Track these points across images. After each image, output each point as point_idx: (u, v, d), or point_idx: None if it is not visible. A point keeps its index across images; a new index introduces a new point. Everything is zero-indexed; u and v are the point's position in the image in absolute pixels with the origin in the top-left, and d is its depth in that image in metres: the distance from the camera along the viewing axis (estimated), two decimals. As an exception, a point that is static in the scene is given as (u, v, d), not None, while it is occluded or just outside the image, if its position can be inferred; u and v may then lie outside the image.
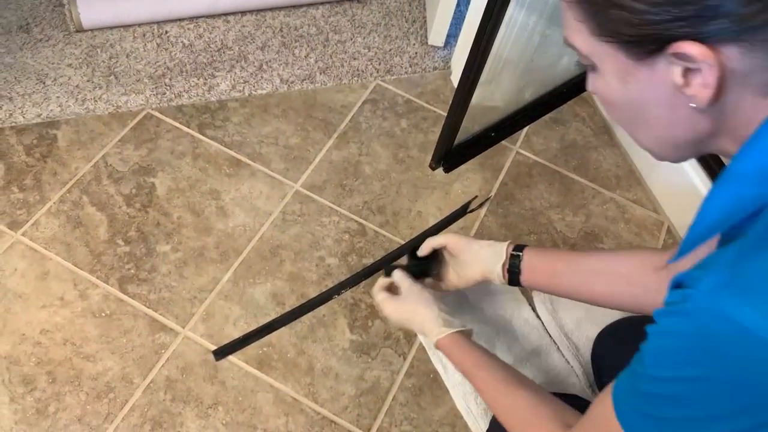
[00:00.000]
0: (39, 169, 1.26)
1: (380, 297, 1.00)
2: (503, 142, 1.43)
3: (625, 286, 0.88)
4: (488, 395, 0.88)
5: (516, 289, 1.21)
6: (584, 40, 0.54)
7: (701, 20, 0.47)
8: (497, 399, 0.86)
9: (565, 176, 1.42)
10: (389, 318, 0.99)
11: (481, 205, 1.32)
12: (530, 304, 1.21)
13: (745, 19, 0.46)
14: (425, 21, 1.66)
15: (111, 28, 1.50)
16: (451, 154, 1.18)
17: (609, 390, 0.60)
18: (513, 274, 0.96)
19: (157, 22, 1.53)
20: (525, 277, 0.96)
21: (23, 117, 1.33)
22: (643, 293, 0.86)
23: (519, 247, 0.97)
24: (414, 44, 1.60)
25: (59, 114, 1.35)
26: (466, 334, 0.94)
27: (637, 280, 0.87)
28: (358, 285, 1.11)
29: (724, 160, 0.55)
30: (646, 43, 0.50)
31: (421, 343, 1.15)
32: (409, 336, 1.16)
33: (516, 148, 1.46)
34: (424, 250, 1.04)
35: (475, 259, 0.99)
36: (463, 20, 1.46)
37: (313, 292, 1.17)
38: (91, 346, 1.08)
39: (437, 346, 0.93)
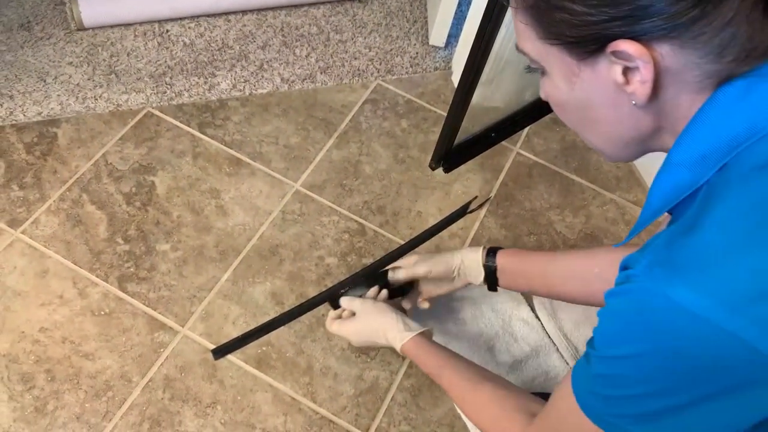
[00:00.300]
0: (39, 167, 1.26)
1: (335, 327, 1.03)
2: (504, 142, 1.42)
3: (601, 284, 0.90)
4: (455, 393, 0.90)
5: (515, 289, 1.21)
6: (533, 45, 0.57)
7: (635, 19, 0.50)
8: (464, 397, 0.89)
9: (565, 177, 1.42)
10: (352, 340, 1.02)
11: (481, 206, 1.31)
12: (529, 305, 1.21)
13: (673, 17, 0.49)
14: (426, 21, 1.66)
15: (112, 26, 1.50)
16: (450, 155, 1.18)
17: (569, 375, 0.63)
18: (490, 281, 1.03)
19: (159, 21, 1.53)
20: (502, 283, 1.03)
21: (24, 115, 1.33)
22: None
23: (492, 251, 1.01)
24: (415, 44, 1.60)
25: (60, 112, 1.35)
26: (428, 335, 0.97)
27: (612, 278, 0.89)
28: (356, 286, 1.12)
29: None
30: (587, 43, 0.53)
31: (420, 344, 1.15)
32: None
33: (516, 148, 1.46)
34: (399, 279, 1.07)
35: (460, 275, 1.05)
36: (465, 20, 1.46)
37: (312, 292, 1.17)
38: (90, 345, 1.08)
39: (402, 352, 0.96)
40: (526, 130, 1.48)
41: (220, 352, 1.08)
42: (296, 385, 1.08)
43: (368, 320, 1.00)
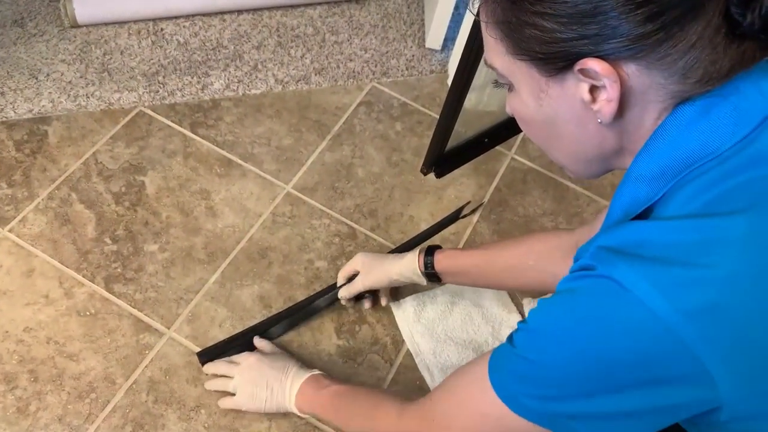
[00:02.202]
0: (28, 165, 1.25)
1: (226, 403, 1.02)
2: (498, 147, 1.41)
3: (536, 275, 0.94)
4: (341, 420, 0.91)
5: (505, 294, 1.20)
6: (502, 60, 0.58)
7: (602, 38, 0.50)
8: (343, 414, 0.91)
9: (560, 183, 1.41)
10: (248, 409, 1.01)
11: (473, 211, 1.30)
12: (520, 312, 1.20)
13: (640, 39, 0.50)
14: (423, 23, 1.64)
15: (106, 24, 1.49)
16: (442, 160, 1.16)
17: (473, 361, 0.66)
18: (430, 276, 1.04)
19: (153, 19, 1.52)
20: (445, 281, 1.06)
21: (14, 112, 1.32)
22: (553, 280, 0.90)
23: (431, 252, 1.03)
24: (411, 47, 1.59)
25: (51, 110, 1.34)
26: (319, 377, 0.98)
27: (547, 269, 0.92)
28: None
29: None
30: (556, 59, 0.53)
31: (408, 350, 1.14)
32: (396, 342, 1.14)
33: (511, 153, 1.44)
34: (344, 297, 1.11)
35: (400, 282, 1.08)
36: (462, 23, 1.45)
37: (301, 296, 1.16)
38: (74, 345, 1.07)
39: (299, 406, 0.97)
40: (521, 135, 1.47)
41: (206, 355, 1.07)
42: (282, 389, 1.07)
43: (255, 381, 1.00)
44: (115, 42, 1.47)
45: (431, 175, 1.18)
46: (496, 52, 0.58)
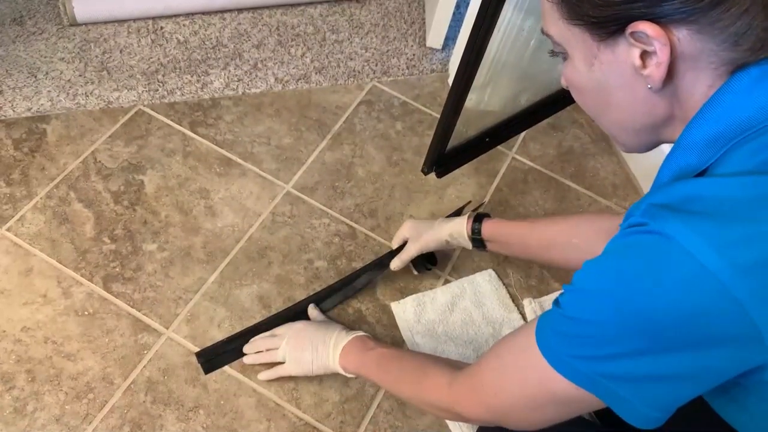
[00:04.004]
0: (27, 164, 1.25)
1: (271, 373, 1.04)
2: (499, 147, 1.40)
3: (578, 254, 0.94)
4: (389, 384, 0.91)
5: (506, 295, 1.20)
6: (557, 26, 0.59)
7: (655, 1, 0.51)
8: (390, 377, 0.90)
9: (561, 183, 1.40)
10: (297, 374, 1.03)
11: (474, 211, 1.30)
12: (520, 313, 1.19)
13: (691, 2, 0.50)
14: (424, 22, 1.64)
15: (105, 22, 1.49)
16: (443, 159, 1.16)
17: (519, 329, 0.66)
18: (476, 241, 1.08)
19: (153, 18, 1.51)
20: (489, 249, 1.09)
21: (13, 111, 1.31)
22: None
23: (479, 219, 1.08)
24: (412, 46, 1.58)
25: (50, 108, 1.33)
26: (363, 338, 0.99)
27: (590, 249, 0.93)
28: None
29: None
30: (608, 23, 0.54)
31: (408, 350, 1.13)
32: (396, 343, 1.14)
33: (512, 153, 1.44)
34: (397, 266, 1.14)
35: (450, 245, 1.13)
36: (462, 22, 1.44)
37: (300, 296, 1.16)
38: (72, 345, 1.06)
39: (343, 367, 0.98)
40: (522, 135, 1.46)
41: (204, 355, 1.06)
42: (281, 390, 1.06)
43: (302, 349, 1.01)
44: (115, 40, 1.46)
45: (432, 175, 1.17)
46: (552, 19, 0.59)
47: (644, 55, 0.54)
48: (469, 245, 1.10)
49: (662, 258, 0.49)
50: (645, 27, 0.52)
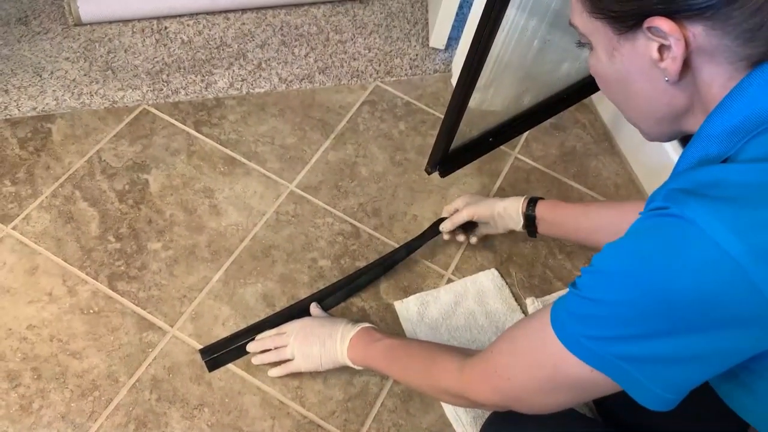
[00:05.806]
0: (32, 163, 1.25)
1: (280, 370, 1.05)
2: (502, 147, 1.41)
3: None
4: (395, 371, 0.92)
5: (509, 295, 1.20)
6: (581, 19, 0.62)
7: None
8: (398, 366, 0.91)
9: (563, 183, 1.41)
10: (306, 369, 1.03)
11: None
12: (523, 311, 1.19)
13: None
14: (427, 23, 1.64)
15: (110, 22, 1.49)
16: (447, 159, 1.16)
17: (528, 317, 0.67)
18: (530, 229, 1.11)
19: (157, 18, 1.52)
20: (540, 231, 1.11)
21: (18, 110, 1.32)
22: None
23: (534, 201, 1.10)
24: (415, 46, 1.59)
25: (55, 108, 1.34)
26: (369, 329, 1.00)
27: None
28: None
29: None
30: (627, 18, 0.57)
31: (411, 349, 1.13)
32: (400, 341, 1.14)
33: (515, 153, 1.44)
34: (447, 229, 1.19)
35: (500, 221, 1.15)
36: (466, 22, 1.45)
37: (304, 294, 1.16)
38: (77, 343, 1.07)
39: (351, 358, 0.98)
40: (525, 135, 1.47)
41: (208, 352, 1.07)
42: (285, 388, 1.07)
43: (310, 344, 1.02)
44: (119, 40, 1.47)
45: (435, 174, 1.18)
46: (577, 11, 0.62)
47: (662, 49, 0.56)
48: (518, 225, 1.11)
49: (682, 241, 0.50)
50: (661, 22, 0.54)
